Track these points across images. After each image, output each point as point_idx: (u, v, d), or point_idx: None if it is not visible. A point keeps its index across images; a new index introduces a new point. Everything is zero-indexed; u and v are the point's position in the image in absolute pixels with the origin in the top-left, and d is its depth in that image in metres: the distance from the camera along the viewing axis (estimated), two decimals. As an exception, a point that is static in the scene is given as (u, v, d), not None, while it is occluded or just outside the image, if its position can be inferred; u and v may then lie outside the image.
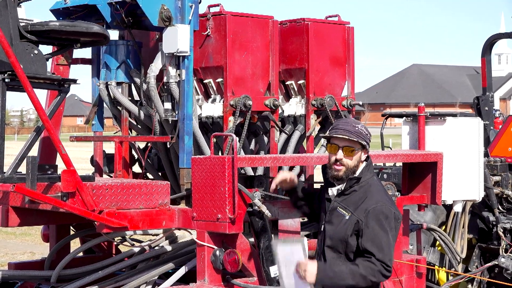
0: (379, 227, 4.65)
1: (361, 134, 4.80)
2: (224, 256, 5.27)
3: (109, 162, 6.68)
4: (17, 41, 5.21)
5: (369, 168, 4.89)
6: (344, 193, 4.83)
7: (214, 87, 6.16)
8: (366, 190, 4.78)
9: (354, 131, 4.79)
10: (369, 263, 4.59)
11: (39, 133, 5.53)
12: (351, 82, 6.73)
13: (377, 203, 4.71)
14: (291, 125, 6.53)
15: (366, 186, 4.80)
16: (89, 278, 6.02)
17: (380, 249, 4.61)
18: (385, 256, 4.61)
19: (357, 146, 4.80)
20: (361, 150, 4.83)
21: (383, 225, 4.66)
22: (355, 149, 4.80)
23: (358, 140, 4.78)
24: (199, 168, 5.35)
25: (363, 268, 4.57)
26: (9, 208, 5.71)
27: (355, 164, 4.81)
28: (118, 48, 6.33)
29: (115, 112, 6.53)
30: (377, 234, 4.64)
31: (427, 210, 8.12)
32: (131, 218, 5.35)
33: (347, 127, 4.82)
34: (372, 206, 4.69)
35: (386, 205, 4.73)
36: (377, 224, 4.65)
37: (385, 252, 4.62)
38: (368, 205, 4.70)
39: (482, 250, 8.52)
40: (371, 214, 4.67)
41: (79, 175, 5.15)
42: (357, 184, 4.80)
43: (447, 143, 6.56)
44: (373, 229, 4.64)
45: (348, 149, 4.80)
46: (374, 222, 4.65)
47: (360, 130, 4.81)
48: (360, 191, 4.78)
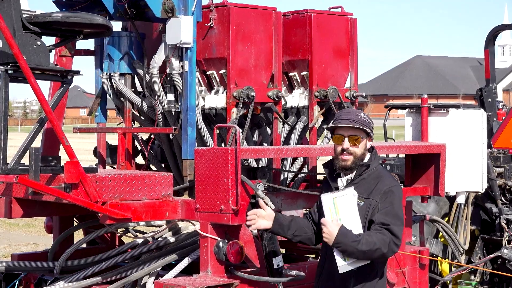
0: (396, 204, 4.75)
1: (365, 122, 4.84)
2: (227, 247, 5.28)
3: (112, 153, 6.68)
4: (20, 32, 5.21)
5: (375, 156, 4.94)
6: (354, 182, 4.84)
7: (217, 79, 6.16)
8: (377, 176, 4.83)
9: (357, 119, 4.82)
10: (381, 235, 4.64)
11: (42, 125, 5.53)
12: (354, 73, 6.73)
13: (391, 185, 4.80)
14: (294, 117, 6.53)
15: (375, 173, 4.84)
16: (92, 269, 6.03)
17: (396, 221, 4.70)
18: (399, 229, 4.69)
19: (362, 134, 4.83)
20: (366, 138, 4.86)
21: (399, 204, 4.78)
22: (360, 137, 4.83)
23: (363, 127, 4.81)
24: (202, 160, 5.35)
25: (376, 238, 4.62)
26: (13, 200, 5.71)
27: (362, 152, 4.84)
28: (121, 39, 6.33)
29: (118, 104, 6.53)
30: (393, 209, 4.73)
31: (430, 201, 8.11)
32: (134, 209, 5.35)
33: (350, 117, 4.84)
34: (387, 187, 4.77)
35: (400, 188, 4.87)
36: (394, 201, 4.75)
37: (399, 225, 4.71)
38: (383, 187, 4.77)
39: (485, 241, 8.52)
40: (387, 194, 4.75)
41: (82, 167, 5.15)
42: (366, 172, 4.83)
43: (450, 134, 6.55)
44: (390, 204, 4.73)
45: (353, 138, 4.82)
46: (391, 199, 4.74)
47: (363, 118, 4.84)
48: (370, 178, 4.81)
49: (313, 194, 6.12)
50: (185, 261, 5.77)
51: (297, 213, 6.17)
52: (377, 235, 4.63)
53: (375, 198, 4.76)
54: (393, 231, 4.67)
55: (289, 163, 6.50)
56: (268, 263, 5.40)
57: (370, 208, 4.75)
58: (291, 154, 5.82)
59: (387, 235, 4.64)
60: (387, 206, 4.73)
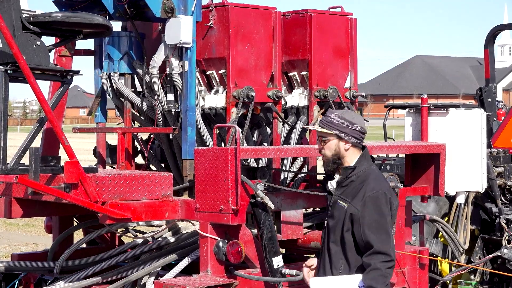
0: (377, 214, 4.63)
1: (332, 124, 4.78)
2: (227, 247, 5.28)
3: (112, 153, 6.68)
4: (19, 32, 5.21)
5: (366, 158, 4.86)
6: (342, 185, 4.80)
7: (217, 79, 6.16)
8: (363, 179, 4.74)
9: (326, 121, 4.80)
10: (373, 273, 4.54)
11: (42, 125, 5.53)
12: (354, 73, 6.73)
13: (373, 190, 4.68)
14: (294, 117, 6.53)
15: (363, 175, 4.76)
16: (92, 269, 6.03)
17: (381, 235, 4.59)
18: (384, 244, 4.58)
19: (329, 136, 4.80)
20: (337, 139, 4.80)
21: (380, 211, 4.64)
22: (328, 139, 4.81)
23: (327, 130, 4.78)
24: (202, 160, 5.35)
25: (374, 281, 4.52)
26: (12, 200, 5.71)
27: (332, 153, 4.80)
28: (120, 39, 6.33)
29: (118, 104, 6.53)
30: (374, 221, 4.61)
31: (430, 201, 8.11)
32: (134, 209, 5.35)
33: (323, 118, 4.85)
34: (368, 193, 4.66)
35: (382, 191, 4.70)
36: (374, 211, 4.63)
37: (384, 239, 4.59)
38: (364, 192, 4.67)
39: (485, 241, 8.52)
40: (368, 202, 4.64)
41: (82, 167, 5.15)
42: (354, 174, 4.77)
43: (450, 134, 6.54)
44: (370, 217, 4.62)
45: (322, 139, 4.84)
46: (371, 209, 4.63)
47: (332, 120, 4.79)
48: (357, 181, 4.75)
49: (313, 194, 6.13)
50: (185, 261, 5.77)
51: (297, 213, 6.17)
52: (369, 277, 4.53)
53: (356, 206, 4.67)
54: (380, 250, 4.57)
55: (289, 163, 6.49)
56: (268, 263, 5.40)
57: (348, 216, 4.68)
58: (291, 154, 5.82)
59: (378, 265, 4.53)
60: (368, 218, 4.62)
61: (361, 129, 4.83)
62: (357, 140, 4.82)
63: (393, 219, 4.79)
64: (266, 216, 5.42)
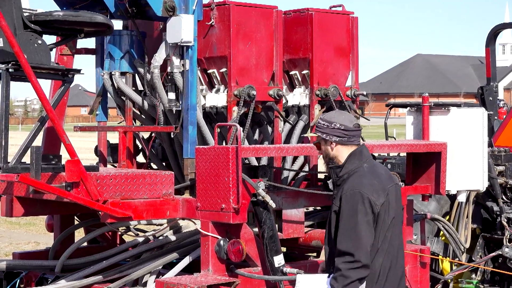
0: (348, 213, 4.55)
1: (317, 127, 4.84)
2: (228, 246, 5.28)
3: (113, 152, 6.68)
4: (21, 31, 5.21)
5: (357, 156, 4.76)
6: (337, 184, 4.80)
7: (218, 77, 6.16)
8: (347, 178, 4.70)
9: (316, 125, 4.87)
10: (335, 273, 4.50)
11: (43, 123, 5.53)
12: (355, 72, 6.72)
13: (348, 189, 4.60)
14: (295, 115, 6.53)
15: (352, 173, 4.71)
16: (94, 268, 6.03)
17: (345, 238, 4.51)
18: (347, 243, 4.48)
19: (318, 139, 4.87)
20: (323, 141, 4.83)
21: (353, 211, 4.54)
22: (318, 142, 4.88)
23: (314, 134, 4.87)
24: (203, 158, 5.35)
25: (334, 281, 4.49)
26: (14, 198, 5.72)
27: (323, 155, 4.85)
28: (122, 38, 6.33)
29: (119, 102, 6.53)
30: (344, 221, 4.56)
31: (431, 200, 8.11)
32: (135, 208, 5.36)
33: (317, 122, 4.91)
34: (344, 192, 4.61)
35: (359, 189, 4.58)
36: (346, 210, 4.56)
37: (351, 239, 4.48)
38: (342, 191, 4.63)
39: (486, 240, 8.52)
40: (343, 200, 4.60)
41: (83, 165, 5.15)
42: (345, 173, 4.72)
43: (451, 133, 6.55)
44: (342, 216, 4.58)
45: (316, 144, 4.92)
46: (344, 208, 4.58)
47: (317, 123, 4.85)
48: (348, 180, 4.70)
49: (314, 193, 6.13)
50: (186, 259, 5.78)
51: (298, 211, 6.17)
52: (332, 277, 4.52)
53: (337, 204, 4.66)
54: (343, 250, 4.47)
55: (290, 161, 6.50)
56: (269, 262, 5.40)
57: (333, 214, 4.70)
58: (292, 152, 5.82)
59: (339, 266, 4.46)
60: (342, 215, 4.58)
61: (340, 127, 4.74)
62: (340, 138, 4.74)
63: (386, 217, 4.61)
64: (267, 215, 5.42)
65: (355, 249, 4.48)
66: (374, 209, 4.57)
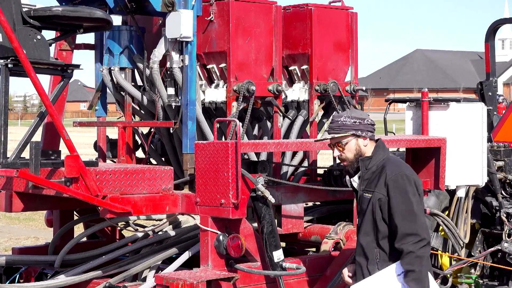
0: (401, 196, 4.65)
1: (345, 125, 4.81)
2: (228, 241, 5.28)
3: (112, 147, 6.69)
4: (20, 26, 5.21)
5: (381, 147, 4.89)
6: (365, 178, 4.83)
7: (218, 73, 6.16)
8: (383, 167, 4.77)
9: (337, 126, 4.83)
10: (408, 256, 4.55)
11: (43, 119, 5.53)
12: (355, 67, 6.73)
13: (392, 173, 4.70)
14: (294, 111, 6.53)
15: (382, 163, 4.80)
16: (93, 263, 6.04)
17: (406, 220, 4.59)
18: (411, 225, 4.59)
19: (345, 138, 4.82)
20: (355, 138, 4.83)
21: (405, 193, 4.66)
22: (345, 142, 4.83)
23: (342, 133, 4.80)
24: (203, 154, 5.36)
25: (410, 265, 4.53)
26: (13, 193, 5.72)
27: (354, 154, 4.84)
28: (121, 33, 6.32)
29: (118, 98, 6.53)
30: (399, 205, 4.64)
31: (430, 195, 8.10)
32: (134, 203, 5.36)
33: (332, 124, 4.88)
34: (390, 177, 4.69)
35: (404, 172, 4.73)
36: (398, 193, 4.66)
37: (411, 220, 4.59)
38: (386, 177, 4.70)
39: (485, 235, 8.52)
40: (390, 185, 4.67)
41: (83, 161, 5.15)
42: (374, 165, 4.81)
43: (451, 128, 6.54)
44: (395, 200, 4.65)
45: (339, 145, 4.86)
46: (395, 192, 4.66)
47: (343, 122, 4.82)
48: (378, 170, 4.79)
49: (313, 188, 6.13)
50: (185, 254, 5.78)
51: (297, 207, 6.18)
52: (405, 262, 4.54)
53: (381, 192, 4.71)
54: (408, 232, 4.56)
55: (289, 157, 6.50)
56: (269, 257, 5.41)
57: (376, 203, 4.71)
58: (291, 148, 5.82)
59: (410, 248, 4.54)
60: (393, 202, 4.64)
61: (372, 122, 4.89)
62: (372, 133, 4.88)
63: (421, 197, 4.77)
64: (267, 210, 5.42)
65: (419, 228, 4.60)
66: (419, 189, 4.75)
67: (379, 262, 4.73)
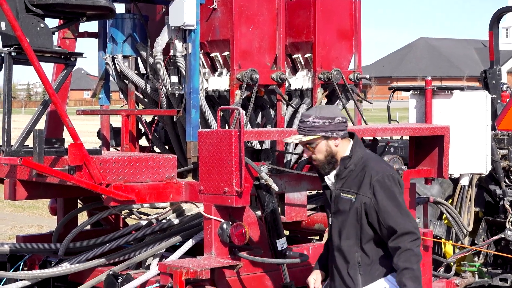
0: (390, 196, 4.51)
1: (314, 127, 4.54)
2: (231, 229, 5.29)
3: (116, 135, 6.69)
4: (23, 14, 5.21)
5: (358, 144, 4.68)
6: (342, 177, 4.61)
7: (221, 61, 6.15)
8: (363, 165, 4.58)
9: (305, 127, 4.57)
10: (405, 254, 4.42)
11: (46, 107, 5.54)
12: (358, 55, 6.71)
13: (377, 174, 4.53)
14: (298, 99, 6.52)
15: (361, 161, 4.60)
16: (97, 251, 6.06)
17: (401, 219, 4.47)
18: (406, 224, 4.47)
19: (316, 140, 4.57)
20: (325, 140, 4.58)
21: (393, 193, 4.52)
22: (314, 143, 4.59)
23: (313, 135, 4.56)
24: (206, 142, 5.36)
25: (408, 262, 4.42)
26: (17, 182, 5.73)
27: (325, 155, 4.59)
28: (124, 21, 6.32)
29: (122, 86, 6.53)
30: (389, 202, 4.49)
31: (434, 183, 8.11)
32: (138, 191, 5.36)
33: (300, 125, 4.62)
34: (374, 178, 4.51)
35: (389, 172, 4.57)
36: (387, 194, 4.50)
37: (405, 219, 4.48)
38: (371, 179, 4.52)
39: (489, 223, 8.52)
40: (377, 186, 4.50)
41: (86, 149, 5.16)
42: (352, 163, 4.60)
43: (454, 116, 6.53)
44: (385, 201, 4.49)
45: (308, 146, 4.63)
46: (383, 193, 4.50)
47: (312, 123, 4.55)
48: (357, 169, 4.57)
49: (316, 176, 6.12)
50: (189, 242, 5.79)
51: (300, 195, 6.18)
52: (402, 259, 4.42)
53: (366, 194, 4.51)
54: (405, 231, 4.44)
55: (292, 145, 6.49)
56: (272, 245, 5.41)
57: (362, 206, 4.52)
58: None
59: (407, 246, 4.42)
60: (383, 203, 4.48)
61: (343, 119, 4.61)
62: (344, 132, 4.60)
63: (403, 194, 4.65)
64: (270, 198, 5.42)
65: (413, 227, 4.49)
66: (402, 187, 4.62)
67: (360, 266, 4.56)
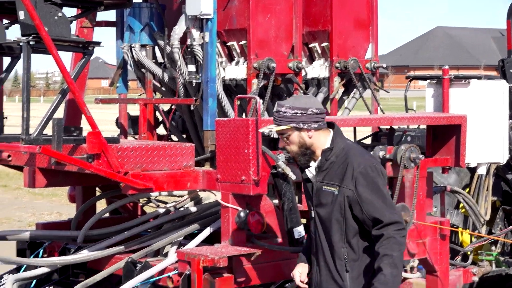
0: (374, 188, 4.38)
1: (286, 118, 4.43)
2: (248, 218, 5.31)
3: (133, 124, 6.72)
4: (41, 4, 5.23)
5: (339, 135, 4.54)
6: (323, 169, 4.47)
7: (238, 50, 6.16)
8: (345, 157, 4.42)
9: (279, 117, 4.48)
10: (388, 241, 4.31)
11: (64, 95, 5.57)
12: (375, 44, 6.70)
13: (360, 165, 4.39)
14: (314, 88, 6.53)
15: (343, 152, 4.44)
16: (115, 239, 6.10)
17: (385, 210, 4.35)
18: (392, 214, 4.35)
19: (289, 131, 4.45)
20: (298, 131, 4.44)
21: (376, 184, 4.39)
22: (289, 134, 4.48)
23: (284, 126, 4.44)
24: (223, 130, 5.37)
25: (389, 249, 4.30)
26: (36, 169, 5.77)
27: (298, 146, 4.47)
28: (141, 10, 6.34)
29: (139, 75, 6.55)
30: (374, 196, 4.36)
31: (451, 172, 8.09)
32: (156, 179, 5.39)
33: (275, 114, 4.53)
34: (357, 170, 4.38)
35: (371, 163, 4.43)
36: (370, 185, 4.37)
37: (390, 210, 4.36)
38: (353, 171, 4.38)
39: (506, 212, 8.50)
40: (360, 179, 4.37)
41: (104, 137, 5.19)
42: (333, 155, 4.47)
43: (471, 105, 6.52)
44: (368, 193, 4.37)
45: (282, 136, 4.52)
46: (366, 185, 4.37)
47: (284, 113, 4.44)
48: (339, 161, 4.43)
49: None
50: (206, 230, 5.82)
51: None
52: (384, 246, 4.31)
53: (348, 186, 4.38)
54: (390, 221, 4.33)
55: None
56: (289, 233, 5.43)
57: (346, 199, 4.40)
58: (312, 125, 5.80)
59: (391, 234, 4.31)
60: (366, 195, 4.35)
61: (318, 111, 4.44)
62: (318, 124, 4.44)
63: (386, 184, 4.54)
64: (287, 187, 5.44)
65: (398, 217, 4.39)
66: (385, 178, 4.51)
67: (347, 262, 4.46)
